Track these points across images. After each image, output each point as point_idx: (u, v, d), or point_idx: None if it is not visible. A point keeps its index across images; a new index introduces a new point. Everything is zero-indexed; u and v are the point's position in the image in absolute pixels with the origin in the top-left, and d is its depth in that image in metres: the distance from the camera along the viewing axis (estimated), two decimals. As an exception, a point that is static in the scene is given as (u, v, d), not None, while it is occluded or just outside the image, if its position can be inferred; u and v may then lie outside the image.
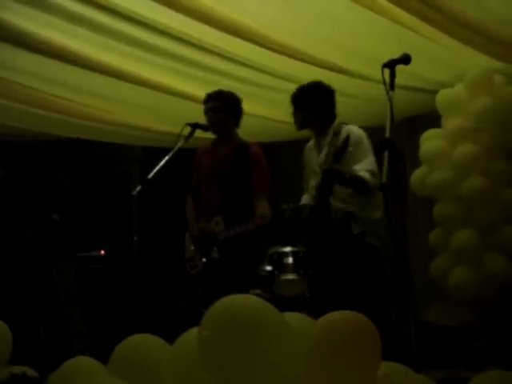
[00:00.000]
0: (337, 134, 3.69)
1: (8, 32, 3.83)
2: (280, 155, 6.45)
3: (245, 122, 4.34)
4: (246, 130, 4.43)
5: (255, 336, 1.77)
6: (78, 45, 4.16)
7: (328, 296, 3.60)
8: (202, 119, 4.17)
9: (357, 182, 3.63)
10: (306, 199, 4.04)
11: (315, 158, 3.96)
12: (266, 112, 5.64)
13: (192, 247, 4.23)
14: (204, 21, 3.79)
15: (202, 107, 4.23)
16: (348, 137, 3.57)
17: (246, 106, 4.28)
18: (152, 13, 3.76)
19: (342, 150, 3.55)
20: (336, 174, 3.60)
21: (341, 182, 3.64)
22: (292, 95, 3.98)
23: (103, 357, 2.25)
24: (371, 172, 3.66)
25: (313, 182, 3.89)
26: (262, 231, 4.05)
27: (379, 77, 2.90)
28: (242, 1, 3.70)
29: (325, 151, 3.78)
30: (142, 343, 2.18)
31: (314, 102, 3.88)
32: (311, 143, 4.08)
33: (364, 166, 3.67)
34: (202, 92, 4.35)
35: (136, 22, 3.88)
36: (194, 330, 1.94)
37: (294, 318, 2.01)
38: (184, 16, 3.71)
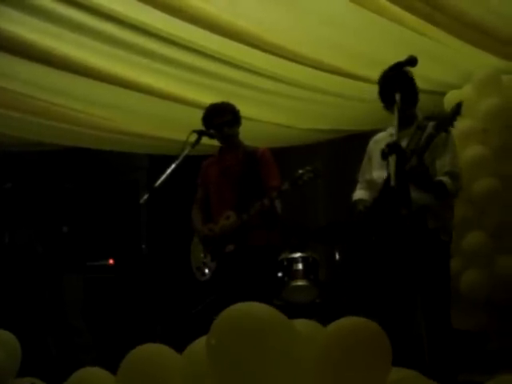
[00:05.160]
0: (421, 128, 3.36)
1: (11, 42, 3.84)
2: (289, 160, 6.43)
3: (253, 128, 4.33)
4: (255, 135, 4.41)
5: (263, 344, 1.76)
6: (84, 55, 4.17)
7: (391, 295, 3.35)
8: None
9: (437, 188, 3.34)
10: (360, 194, 3.72)
11: None
12: (273, 117, 5.63)
13: (202, 254, 4.21)
14: (209, 28, 3.80)
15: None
16: (431, 135, 3.23)
17: (254, 112, 4.27)
18: (157, 21, 3.77)
19: (425, 148, 3.24)
20: (421, 175, 3.30)
21: (423, 185, 3.33)
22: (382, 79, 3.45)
23: (112, 367, 2.24)
24: (451, 174, 3.38)
25: (376, 173, 3.57)
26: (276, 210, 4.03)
27: (385, 80, 2.87)
28: (246, 7, 3.70)
29: (404, 143, 3.34)
30: (151, 353, 2.17)
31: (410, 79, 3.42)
32: (380, 135, 3.71)
33: (447, 166, 3.38)
34: (207, 99, 4.35)
35: (141, 31, 3.90)
36: (203, 339, 1.92)
37: (303, 325, 1.99)
38: (189, 24, 3.72)
